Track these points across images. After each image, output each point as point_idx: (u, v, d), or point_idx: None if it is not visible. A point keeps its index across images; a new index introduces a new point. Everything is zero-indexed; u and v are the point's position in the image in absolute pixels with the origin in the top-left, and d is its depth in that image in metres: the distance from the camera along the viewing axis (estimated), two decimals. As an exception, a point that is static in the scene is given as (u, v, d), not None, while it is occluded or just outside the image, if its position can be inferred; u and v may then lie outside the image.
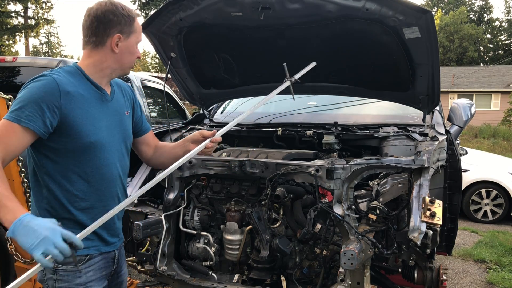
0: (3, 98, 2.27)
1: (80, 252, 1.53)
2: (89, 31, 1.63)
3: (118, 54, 1.65)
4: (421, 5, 2.26)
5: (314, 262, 2.57)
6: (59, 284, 1.59)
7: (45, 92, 1.51)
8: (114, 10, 1.62)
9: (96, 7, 1.62)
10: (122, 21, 1.63)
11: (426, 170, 2.19)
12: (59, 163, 1.59)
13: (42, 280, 1.65)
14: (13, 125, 1.47)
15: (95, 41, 1.63)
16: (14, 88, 4.21)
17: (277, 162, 2.46)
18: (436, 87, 2.55)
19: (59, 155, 1.58)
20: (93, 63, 1.65)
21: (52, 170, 1.59)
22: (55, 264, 1.54)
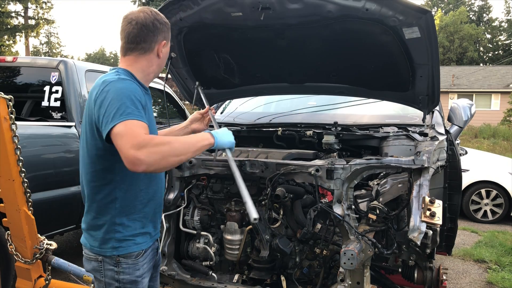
0: (3, 98, 2.27)
1: (139, 247, 1.70)
2: (138, 38, 1.70)
3: (161, 59, 1.77)
4: (421, 5, 2.26)
5: (314, 262, 2.57)
6: (121, 276, 1.68)
7: (135, 92, 1.58)
8: (159, 19, 1.74)
9: (144, 16, 1.70)
10: (164, 29, 1.75)
11: (426, 170, 2.19)
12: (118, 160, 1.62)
13: (96, 269, 1.71)
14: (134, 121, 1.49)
15: (144, 48, 1.71)
16: (14, 88, 4.26)
17: (277, 162, 2.46)
18: (436, 87, 2.55)
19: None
20: (141, 68, 1.73)
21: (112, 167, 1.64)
22: (118, 257, 1.66)
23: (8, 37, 28.14)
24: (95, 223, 1.68)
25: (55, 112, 3.98)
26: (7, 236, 2.54)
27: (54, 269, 2.61)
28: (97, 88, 1.61)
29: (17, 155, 2.36)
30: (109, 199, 1.65)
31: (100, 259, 1.68)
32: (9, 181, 2.37)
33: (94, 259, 1.70)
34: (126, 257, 1.68)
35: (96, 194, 1.66)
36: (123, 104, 1.51)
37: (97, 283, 1.74)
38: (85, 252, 1.75)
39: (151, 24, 1.70)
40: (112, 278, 1.68)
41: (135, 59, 1.72)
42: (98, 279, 1.72)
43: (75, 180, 3.75)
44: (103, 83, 1.60)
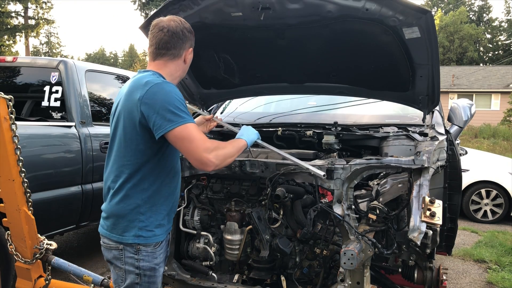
0: (3, 98, 2.27)
1: (157, 238, 1.83)
2: (169, 44, 1.86)
3: (186, 64, 1.96)
4: (421, 5, 2.26)
5: (314, 262, 2.57)
6: (141, 263, 1.81)
7: (181, 95, 1.78)
8: (187, 27, 1.91)
9: (175, 24, 1.87)
10: (191, 37, 1.93)
11: (426, 170, 2.19)
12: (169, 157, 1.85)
13: (116, 257, 1.82)
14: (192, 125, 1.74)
15: (174, 54, 1.88)
16: (14, 88, 4.26)
17: (277, 162, 2.46)
18: (436, 87, 2.55)
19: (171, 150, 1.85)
20: (170, 72, 1.89)
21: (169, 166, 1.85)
22: (138, 245, 1.79)
23: (8, 37, 28.13)
24: (120, 211, 1.79)
25: (55, 112, 3.98)
26: (7, 236, 2.54)
27: (54, 269, 2.61)
28: (140, 88, 1.73)
29: (17, 155, 2.36)
30: (138, 189, 1.78)
31: (121, 247, 1.80)
32: (9, 181, 2.37)
33: (115, 247, 1.81)
34: (146, 246, 1.80)
35: (126, 183, 1.78)
36: (176, 108, 1.70)
37: (117, 271, 1.84)
38: (104, 241, 1.86)
39: (180, 32, 1.87)
40: (132, 265, 1.80)
41: (165, 63, 1.88)
42: (118, 267, 1.83)
43: (75, 180, 3.76)
44: (146, 83, 1.73)
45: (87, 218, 3.98)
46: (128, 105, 1.76)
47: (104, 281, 2.54)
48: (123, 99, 1.80)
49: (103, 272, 4.11)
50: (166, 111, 1.68)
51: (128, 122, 1.76)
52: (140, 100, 1.71)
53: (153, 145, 1.76)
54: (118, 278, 1.85)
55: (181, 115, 1.71)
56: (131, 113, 1.74)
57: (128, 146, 1.78)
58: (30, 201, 2.47)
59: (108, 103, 4.65)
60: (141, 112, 1.71)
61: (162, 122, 1.68)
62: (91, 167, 3.90)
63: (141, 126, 1.73)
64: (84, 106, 3.99)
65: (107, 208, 1.85)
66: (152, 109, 1.69)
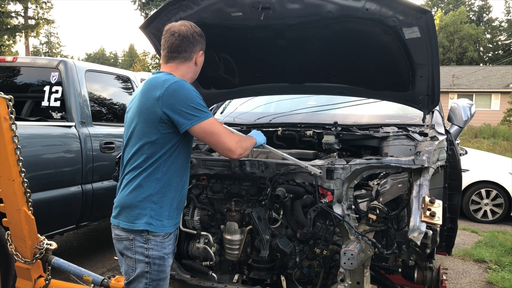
0: (3, 98, 2.27)
1: (166, 229, 1.93)
2: (180, 48, 1.98)
3: (197, 67, 2.07)
4: (421, 5, 2.26)
5: (314, 262, 2.57)
6: (151, 252, 1.89)
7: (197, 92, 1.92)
8: (198, 32, 2.03)
9: (185, 29, 1.99)
10: (201, 40, 2.05)
11: (426, 170, 2.19)
12: (182, 150, 1.95)
13: (127, 247, 1.91)
14: (214, 119, 1.91)
15: (185, 56, 2.00)
16: (14, 88, 4.26)
17: (277, 162, 2.46)
18: (436, 87, 2.55)
19: (185, 145, 1.97)
20: (182, 74, 2.00)
21: (181, 158, 1.95)
22: (148, 235, 1.88)
23: (8, 37, 28.11)
24: (132, 200, 1.89)
25: (55, 112, 3.99)
26: (7, 236, 2.54)
27: (54, 269, 2.61)
28: (159, 86, 1.85)
29: (17, 155, 2.36)
30: (151, 178, 1.88)
31: (131, 237, 1.89)
32: (9, 181, 2.37)
33: (126, 238, 1.91)
34: (155, 236, 1.89)
35: (140, 173, 1.88)
36: (198, 104, 1.86)
37: (127, 262, 1.93)
38: (116, 233, 1.96)
39: (191, 36, 1.99)
40: (142, 254, 1.89)
41: (177, 66, 2.00)
42: (129, 257, 1.91)
43: (75, 180, 3.77)
44: (165, 82, 1.85)
45: (87, 218, 3.98)
46: (147, 103, 1.86)
47: (104, 281, 2.54)
48: (139, 97, 1.91)
49: (103, 272, 4.11)
50: (189, 107, 1.83)
51: (146, 119, 1.86)
52: (160, 98, 1.82)
53: (171, 138, 1.89)
54: (129, 269, 1.92)
55: (204, 110, 1.87)
56: (150, 109, 1.85)
57: (146, 140, 1.87)
58: (30, 201, 2.47)
59: (108, 103, 4.65)
60: (162, 109, 1.82)
61: (188, 117, 1.83)
62: (91, 167, 3.91)
63: (161, 121, 1.84)
64: (84, 106, 3.99)
65: (120, 198, 1.95)
66: (174, 105, 1.82)
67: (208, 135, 1.89)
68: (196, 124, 1.84)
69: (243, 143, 2.04)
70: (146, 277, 1.90)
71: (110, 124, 4.43)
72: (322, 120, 3.30)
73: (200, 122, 1.85)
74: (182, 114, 1.83)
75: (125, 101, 4.89)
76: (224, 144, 1.92)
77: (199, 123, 1.85)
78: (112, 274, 4.00)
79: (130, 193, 1.89)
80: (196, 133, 1.88)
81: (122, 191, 1.94)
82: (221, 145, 1.92)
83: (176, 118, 1.83)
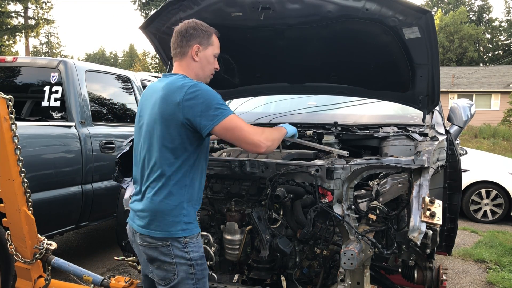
0: (3, 98, 2.27)
1: (197, 230, 1.93)
2: (175, 44, 1.97)
3: (198, 62, 1.98)
4: (421, 5, 2.26)
5: (314, 262, 2.57)
6: (192, 254, 1.87)
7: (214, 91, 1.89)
8: (195, 26, 1.96)
9: (181, 25, 1.98)
10: (198, 34, 1.96)
11: (426, 170, 2.19)
12: (202, 153, 1.93)
13: (164, 253, 1.85)
14: (235, 115, 1.86)
15: (181, 52, 1.96)
16: (14, 88, 4.26)
17: (277, 162, 2.46)
18: (436, 87, 2.55)
19: (204, 147, 1.94)
20: (187, 72, 1.96)
21: (202, 160, 1.94)
22: (185, 239, 1.85)
23: (8, 37, 28.12)
24: (165, 208, 1.84)
25: (55, 112, 3.99)
26: (7, 236, 2.54)
27: (54, 269, 2.61)
28: (177, 91, 1.81)
29: (17, 155, 2.35)
30: (180, 185, 1.86)
31: (168, 243, 1.84)
32: (9, 181, 2.37)
33: (161, 245, 1.85)
34: (191, 238, 1.88)
35: (169, 180, 1.84)
36: (217, 103, 1.81)
37: (165, 267, 1.86)
38: (146, 240, 1.88)
39: (184, 31, 1.95)
40: (183, 258, 1.86)
41: (179, 64, 1.98)
42: (167, 262, 1.85)
43: (75, 180, 3.77)
44: (182, 86, 1.81)
45: (87, 218, 3.99)
46: (167, 109, 1.82)
47: (104, 281, 2.54)
48: (159, 103, 1.85)
49: (103, 272, 4.11)
50: (209, 109, 1.79)
51: (168, 125, 1.83)
52: (181, 102, 1.79)
53: (193, 142, 1.86)
54: (168, 273, 1.87)
55: (223, 108, 1.83)
56: (171, 115, 1.81)
57: (169, 146, 1.84)
58: (30, 201, 2.46)
59: (108, 103, 4.65)
60: (183, 113, 1.79)
61: (208, 119, 1.79)
62: (91, 167, 3.91)
63: (183, 126, 1.81)
64: (84, 106, 3.99)
65: (148, 206, 1.87)
66: (195, 109, 1.79)
67: (229, 131, 1.84)
68: (217, 124, 1.80)
69: (269, 134, 1.96)
70: (191, 278, 1.88)
71: (110, 124, 4.43)
72: (322, 120, 3.30)
73: (221, 121, 1.80)
74: (203, 116, 1.79)
75: (125, 101, 4.89)
76: (247, 138, 1.86)
77: (220, 122, 1.80)
78: (112, 274, 4.00)
79: (162, 202, 1.85)
80: (218, 132, 1.83)
81: (151, 200, 1.87)
82: (244, 139, 1.86)
83: (197, 122, 1.80)
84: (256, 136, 1.87)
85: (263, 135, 1.90)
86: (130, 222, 1.99)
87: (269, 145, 1.92)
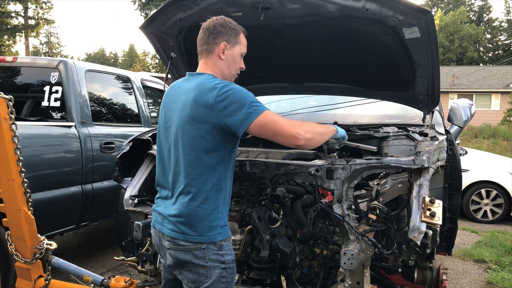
0: (3, 98, 2.27)
1: (229, 232, 1.90)
2: (201, 41, 1.92)
3: (225, 61, 1.93)
4: (421, 5, 2.26)
5: (314, 262, 2.57)
6: (226, 257, 1.85)
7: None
8: (223, 23, 1.91)
9: (209, 21, 1.93)
10: (229, 32, 1.91)
11: (426, 170, 2.19)
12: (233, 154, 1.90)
13: (199, 256, 1.81)
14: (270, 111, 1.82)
15: (207, 49, 1.91)
16: (14, 88, 4.26)
17: (277, 162, 2.46)
18: (436, 87, 2.55)
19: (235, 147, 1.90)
20: (213, 71, 1.91)
21: (231, 160, 1.88)
22: (220, 242, 1.83)
23: (8, 37, 28.13)
24: (202, 212, 1.80)
25: (55, 112, 3.99)
26: (7, 236, 2.54)
27: (54, 269, 2.61)
28: (210, 93, 1.76)
29: (17, 155, 2.35)
30: (216, 189, 1.83)
31: (204, 246, 1.80)
32: (9, 181, 2.37)
33: (197, 248, 1.80)
34: (225, 240, 1.86)
35: (205, 185, 1.80)
36: (252, 101, 1.78)
37: (197, 270, 1.82)
38: (180, 244, 1.83)
39: (212, 27, 1.90)
40: (218, 261, 1.83)
41: (205, 61, 1.93)
42: (201, 265, 1.81)
43: (75, 180, 3.77)
44: (214, 87, 1.77)
45: (87, 218, 3.99)
46: (200, 111, 1.77)
47: (104, 281, 2.54)
48: (191, 105, 1.80)
49: (103, 272, 4.11)
50: (243, 107, 1.75)
51: (201, 127, 1.78)
52: (213, 104, 1.75)
53: (228, 144, 1.83)
54: (200, 276, 1.83)
55: (257, 105, 1.79)
56: (204, 118, 1.77)
57: (203, 150, 1.79)
58: (30, 201, 2.47)
59: (108, 103, 4.65)
60: (217, 115, 1.75)
61: (243, 118, 1.75)
62: (91, 167, 3.91)
63: (217, 128, 1.77)
64: (84, 106, 3.99)
65: (184, 212, 1.81)
66: (229, 109, 1.75)
67: (264, 127, 1.78)
68: (253, 122, 1.75)
69: (309, 127, 1.87)
70: (223, 282, 1.85)
71: (110, 124, 4.43)
72: (322, 120, 3.29)
73: (256, 118, 1.76)
74: (237, 116, 1.75)
75: (125, 101, 4.89)
76: (283, 131, 1.79)
77: (255, 119, 1.76)
78: (112, 274, 4.00)
79: (199, 207, 1.80)
80: (254, 130, 1.78)
81: (187, 205, 1.81)
82: (281, 132, 1.79)
83: (231, 122, 1.75)
84: (293, 127, 1.80)
85: (301, 127, 1.81)
86: (157, 226, 1.92)
87: (309, 138, 1.83)
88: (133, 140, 3.04)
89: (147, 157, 3.05)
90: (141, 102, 4.93)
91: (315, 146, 1.95)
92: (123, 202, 2.87)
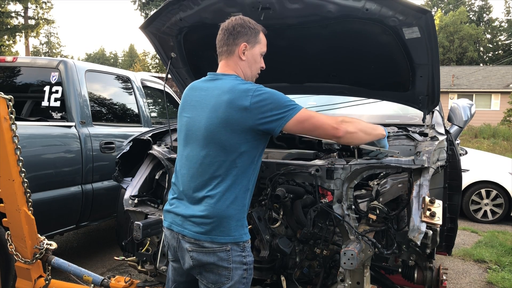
0: (3, 98, 2.27)
1: (249, 234, 1.87)
2: (221, 41, 1.91)
3: (246, 62, 1.92)
4: (421, 5, 2.26)
5: (314, 262, 2.57)
6: (247, 259, 1.84)
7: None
8: (242, 23, 1.89)
9: (228, 22, 1.91)
10: (246, 32, 1.89)
11: (426, 170, 2.19)
12: (261, 155, 1.89)
13: (223, 258, 1.78)
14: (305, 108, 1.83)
15: (228, 50, 1.90)
16: (14, 88, 4.26)
17: (277, 162, 2.46)
18: (436, 87, 2.55)
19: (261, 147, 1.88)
20: (235, 71, 1.90)
21: (258, 160, 1.87)
22: (244, 243, 1.82)
23: (8, 37, 28.13)
24: (231, 212, 1.79)
25: (55, 112, 3.99)
26: (7, 236, 2.54)
27: (54, 269, 2.61)
28: (244, 95, 1.75)
29: (17, 155, 2.35)
30: (244, 189, 1.82)
31: (229, 248, 1.78)
32: (9, 181, 2.37)
33: (221, 249, 1.78)
34: (247, 242, 1.85)
35: (236, 185, 1.80)
36: (287, 100, 1.79)
37: (219, 272, 1.80)
38: (204, 246, 1.78)
39: (232, 28, 1.88)
40: (240, 262, 1.82)
41: (226, 62, 1.92)
42: (223, 267, 1.79)
43: (75, 180, 3.77)
44: (247, 91, 1.76)
45: (87, 218, 3.99)
46: (235, 114, 1.75)
47: (104, 281, 2.54)
48: (225, 108, 1.77)
49: (103, 272, 4.11)
50: (279, 107, 1.76)
51: (234, 129, 1.76)
52: (249, 107, 1.74)
53: (259, 146, 1.83)
54: (222, 278, 1.80)
55: (293, 104, 1.79)
56: (238, 120, 1.75)
57: (235, 151, 1.78)
58: (30, 201, 2.46)
59: (108, 103, 4.65)
60: (252, 117, 1.74)
61: (280, 117, 1.76)
62: (91, 167, 3.91)
63: (251, 131, 1.77)
64: (84, 106, 3.99)
65: (213, 213, 1.78)
66: (264, 109, 1.74)
67: (302, 123, 1.80)
68: (291, 119, 1.77)
69: (349, 120, 1.89)
70: (243, 283, 1.84)
71: (110, 124, 4.43)
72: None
73: (294, 116, 1.77)
74: (274, 116, 1.76)
75: (125, 101, 4.89)
76: (323, 124, 1.82)
77: (293, 116, 1.77)
78: (112, 274, 4.00)
79: (229, 207, 1.78)
80: (292, 127, 1.79)
81: (215, 206, 1.77)
82: (321, 125, 1.82)
83: (268, 123, 1.76)
84: (332, 119, 1.83)
85: (342, 120, 1.85)
86: (176, 228, 1.86)
87: (350, 131, 1.86)
88: (133, 140, 3.04)
89: (147, 157, 3.05)
90: (141, 102, 4.93)
91: (357, 142, 1.97)
92: (123, 202, 2.87)
